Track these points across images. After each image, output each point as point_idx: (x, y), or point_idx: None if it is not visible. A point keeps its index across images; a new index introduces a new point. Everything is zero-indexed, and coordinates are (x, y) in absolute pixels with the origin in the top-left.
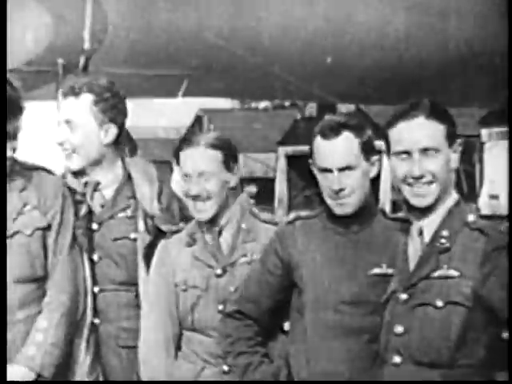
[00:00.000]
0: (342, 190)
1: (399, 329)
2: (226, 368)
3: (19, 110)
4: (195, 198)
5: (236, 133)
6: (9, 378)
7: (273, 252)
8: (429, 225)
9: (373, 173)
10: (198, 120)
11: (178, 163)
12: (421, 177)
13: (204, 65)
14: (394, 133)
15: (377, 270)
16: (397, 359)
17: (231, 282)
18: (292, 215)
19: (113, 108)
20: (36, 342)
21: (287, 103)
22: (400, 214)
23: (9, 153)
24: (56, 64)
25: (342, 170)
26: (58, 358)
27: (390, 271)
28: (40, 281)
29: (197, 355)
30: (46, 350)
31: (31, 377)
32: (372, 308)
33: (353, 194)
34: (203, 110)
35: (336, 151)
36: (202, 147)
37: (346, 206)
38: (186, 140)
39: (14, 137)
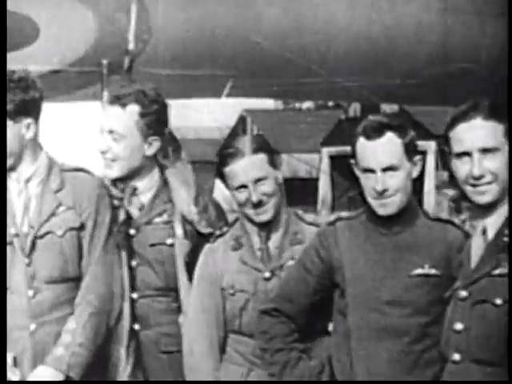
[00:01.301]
0: (385, 190)
1: (459, 326)
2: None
3: (38, 113)
4: (257, 205)
5: (279, 133)
6: (37, 379)
7: (313, 252)
8: (492, 224)
9: (415, 173)
10: (241, 121)
11: (223, 179)
12: (481, 177)
13: (248, 65)
14: (454, 134)
15: (419, 271)
16: (456, 357)
17: (278, 283)
18: (333, 216)
19: (158, 121)
20: (64, 342)
21: (331, 103)
22: (441, 215)
23: (44, 156)
24: (100, 65)
25: (385, 170)
26: (86, 358)
27: (432, 271)
28: (73, 282)
29: (243, 357)
30: (74, 350)
31: (59, 378)
32: (414, 309)
33: (396, 195)
34: (246, 110)
35: (379, 152)
36: (248, 155)
37: (389, 206)
38: (228, 155)
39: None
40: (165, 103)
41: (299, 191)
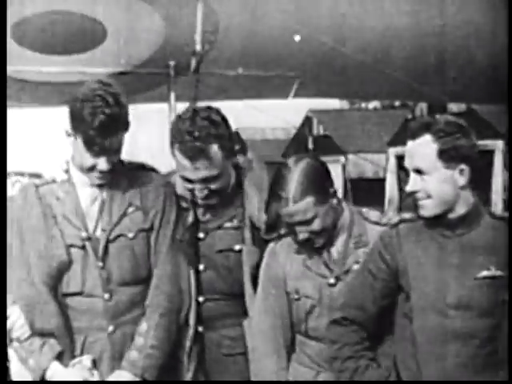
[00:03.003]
0: (414, 192)
1: None
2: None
3: (125, 126)
4: (307, 240)
5: (345, 133)
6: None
7: (377, 256)
8: None
9: (461, 182)
10: (307, 121)
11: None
12: None
13: (315, 65)
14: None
15: (485, 273)
16: None
17: (344, 289)
18: (396, 218)
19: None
20: (138, 345)
21: (397, 103)
22: (505, 214)
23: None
24: (167, 66)
25: (416, 171)
26: (159, 359)
27: (498, 273)
28: (144, 282)
29: (311, 359)
30: (147, 353)
31: (136, 381)
32: (481, 311)
33: (427, 199)
34: (312, 110)
35: (413, 152)
36: (293, 203)
37: (425, 208)
38: (275, 196)
39: (116, 152)
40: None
41: (366, 191)
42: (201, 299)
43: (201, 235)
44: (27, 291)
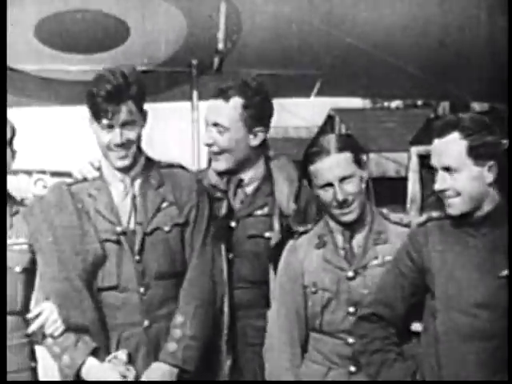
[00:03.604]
0: (444, 190)
1: None
2: (353, 369)
3: (132, 97)
4: (342, 204)
5: (367, 132)
6: (152, 377)
7: (405, 254)
8: None
9: (489, 179)
10: (329, 120)
11: (308, 178)
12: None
13: (337, 64)
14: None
15: (506, 272)
16: None
17: (362, 284)
18: (424, 217)
19: (262, 112)
20: (175, 337)
21: (420, 102)
22: None
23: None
24: (190, 65)
25: (444, 169)
26: (198, 350)
27: None
28: (179, 276)
29: (323, 356)
30: (186, 344)
31: (174, 373)
32: (503, 311)
33: (457, 197)
34: (334, 109)
35: (441, 150)
36: (334, 154)
37: (453, 207)
38: (314, 153)
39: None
40: (268, 94)
41: (388, 190)
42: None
43: (233, 224)
44: (61, 287)
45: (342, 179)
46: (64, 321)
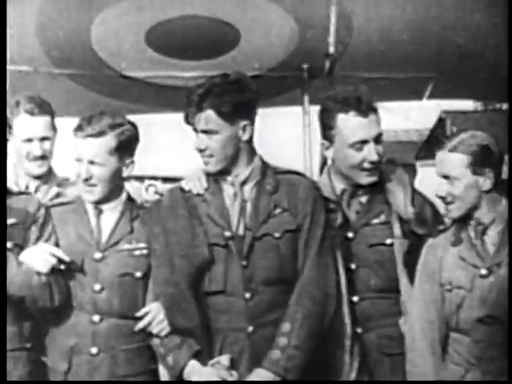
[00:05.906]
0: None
1: None
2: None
3: (253, 114)
4: (442, 199)
5: None
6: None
7: None
8: None
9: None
10: (440, 122)
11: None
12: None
13: (449, 66)
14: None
15: None
16: None
17: (496, 282)
18: None
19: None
20: (280, 345)
21: None
22: None
23: (257, 158)
24: (301, 69)
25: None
26: (301, 361)
27: None
28: (287, 284)
29: (462, 357)
30: (290, 353)
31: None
32: None
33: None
34: (445, 111)
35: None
36: (446, 151)
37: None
38: (436, 143)
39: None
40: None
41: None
42: (355, 299)
43: (350, 235)
44: (170, 290)
45: (446, 177)
46: (170, 323)
